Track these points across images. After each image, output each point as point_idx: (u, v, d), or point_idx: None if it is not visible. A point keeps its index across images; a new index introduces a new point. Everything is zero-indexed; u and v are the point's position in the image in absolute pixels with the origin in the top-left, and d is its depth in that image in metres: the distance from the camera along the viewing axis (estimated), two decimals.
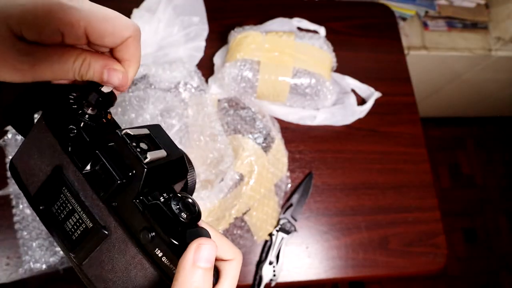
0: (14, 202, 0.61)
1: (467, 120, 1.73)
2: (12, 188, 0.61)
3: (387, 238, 0.68)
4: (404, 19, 1.19)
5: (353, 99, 0.74)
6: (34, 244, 0.59)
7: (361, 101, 0.79)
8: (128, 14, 0.73)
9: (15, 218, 0.61)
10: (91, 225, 0.24)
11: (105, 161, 0.23)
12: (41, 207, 0.26)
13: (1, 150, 0.63)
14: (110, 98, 0.27)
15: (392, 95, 0.79)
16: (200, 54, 0.75)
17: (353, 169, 0.72)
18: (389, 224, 0.70)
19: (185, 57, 0.73)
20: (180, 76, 0.70)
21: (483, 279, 1.52)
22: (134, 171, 0.23)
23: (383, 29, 0.87)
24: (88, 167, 0.24)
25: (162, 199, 0.24)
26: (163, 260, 0.22)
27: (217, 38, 0.78)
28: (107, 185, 0.23)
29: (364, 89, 0.78)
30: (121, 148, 0.23)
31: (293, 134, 0.73)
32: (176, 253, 0.22)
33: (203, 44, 0.76)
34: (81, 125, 0.25)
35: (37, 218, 0.61)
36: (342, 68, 0.77)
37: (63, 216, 0.25)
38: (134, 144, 0.24)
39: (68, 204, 0.25)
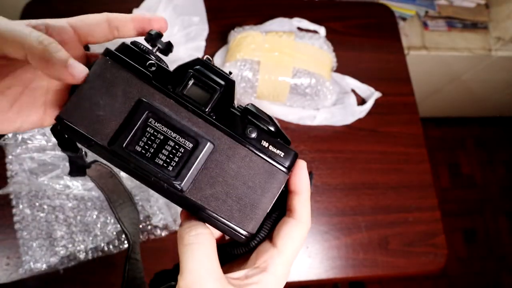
0: (14, 202, 0.61)
1: (467, 120, 1.73)
2: (12, 187, 0.61)
3: (387, 238, 0.68)
4: (404, 19, 1.19)
5: (353, 99, 0.74)
6: (34, 244, 0.59)
7: (361, 101, 0.79)
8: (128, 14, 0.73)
9: (15, 218, 0.61)
10: (190, 145, 0.25)
11: (202, 77, 0.26)
12: (126, 150, 0.25)
13: (1, 150, 0.63)
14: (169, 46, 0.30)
15: (392, 95, 0.79)
16: (200, 54, 0.75)
17: (353, 169, 0.72)
18: (389, 224, 0.70)
19: (185, 57, 0.73)
20: None
21: (483, 279, 1.52)
22: (224, 84, 0.27)
23: (383, 29, 0.87)
24: (182, 89, 0.26)
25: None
26: (271, 148, 0.27)
27: (217, 38, 0.78)
28: (207, 99, 0.26)
29: (364, 89, 0.78)
30: (207, 68, 0.27)
31: (293, 134, 0.73)
32: (277, 139, 0.27)
33: (203, 44, 0.76)
34: (159, 61, 0.27)
35: (37, 218, 0.61)
36: (342, 68, 0.77)
37: (152, 151, 0.25)
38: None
39: (158, 135, 0.25)
